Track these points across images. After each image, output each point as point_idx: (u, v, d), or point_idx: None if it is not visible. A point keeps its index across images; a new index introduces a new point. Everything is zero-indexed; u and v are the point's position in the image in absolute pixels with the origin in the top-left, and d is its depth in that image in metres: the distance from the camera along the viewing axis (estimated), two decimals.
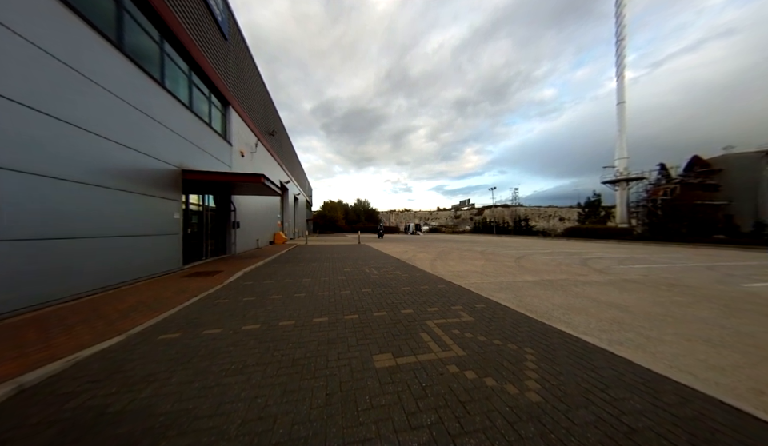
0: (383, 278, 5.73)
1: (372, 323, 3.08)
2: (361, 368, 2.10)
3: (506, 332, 2.82)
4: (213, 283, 5.03)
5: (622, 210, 31.16)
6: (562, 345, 2.52)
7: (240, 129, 11.06)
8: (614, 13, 31.86)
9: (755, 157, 25.33)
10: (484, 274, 6.32)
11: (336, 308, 3.63)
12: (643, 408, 1.66)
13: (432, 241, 20.17)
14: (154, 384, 1.88)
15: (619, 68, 31.18)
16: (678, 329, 2.94)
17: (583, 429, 1.48)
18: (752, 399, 1.76)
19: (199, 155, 7.62)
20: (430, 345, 2.51)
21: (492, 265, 7.78)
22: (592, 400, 1.73)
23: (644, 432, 1.46)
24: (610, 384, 1.91)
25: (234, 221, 9.92)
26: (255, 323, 3.05)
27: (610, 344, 2.57)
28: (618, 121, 31.00)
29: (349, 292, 4.45)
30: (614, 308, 3.71)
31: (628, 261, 8.79)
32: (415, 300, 4.04)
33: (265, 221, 14.79)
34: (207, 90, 8.62)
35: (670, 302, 4.02)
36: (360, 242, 17.65)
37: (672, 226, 23.15)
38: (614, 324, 3.11)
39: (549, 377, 1.99)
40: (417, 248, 13.85)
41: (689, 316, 3.39)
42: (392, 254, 10.54)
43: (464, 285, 5.06)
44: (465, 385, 1.89)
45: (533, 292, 4.66)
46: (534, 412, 1.62)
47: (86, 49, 4.15)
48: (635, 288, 4.89)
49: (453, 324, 3.03)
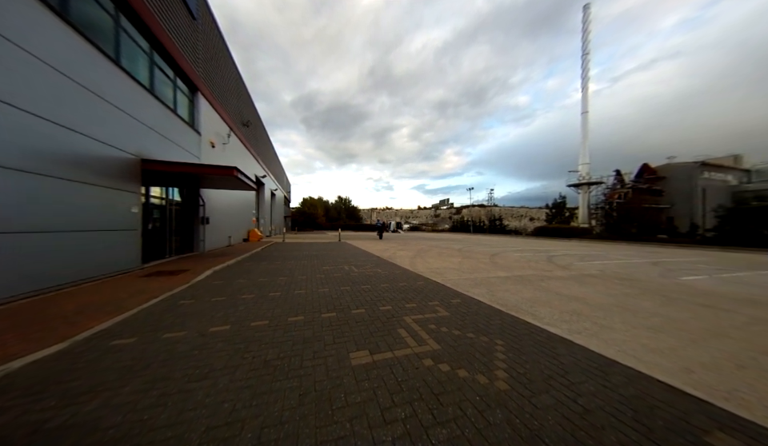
0: (363, 276, 5.70)
1: (350, 320, 3.05)
2: (337, 367, 2.07)
3: (479, 326, 2.94)
4: (177, 283, 4.65)
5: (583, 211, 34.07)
6: (529, 336, 2.69)
7: (210, 118, 10.31)
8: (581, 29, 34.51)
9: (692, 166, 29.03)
10: (461, 271, 6.55)
11: (313, 306, 3.55)
12: (596, 389, 1.83)
13: (412, 240, 20.50)
14: (102, 395, 1.69)
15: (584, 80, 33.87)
16: (626, 318, 3.28)
17: (544, 412, 1.60)
18: (683, 377, 2.01)
19: (162, 143, 6.98)
20: (407, 340, 2.55)
21: (468, 262, 8.09)
22: (553, 385, 1.87)
23: (596, 412, 1.61)
24: (568, 370, 2.08)
25: (202, 216, 9.25)
26: (224, 324, 2.88)
27: (569, 333, 2.79)
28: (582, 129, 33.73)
29: (327, 290, 4.37)
30: (574, 300, 4.05)
31: (587, 258, 9.63)
32: (394, 296, 4.07)
33: (238, 216, 14.00)
34: (172, 73, 7.90)
35: (621, 294, 4.48)
36: (341, 240, 17.41)
37: (625, 226, 25.82)
38: (573, 315, 3.39)
39: (516, 366, 2.12)
40: (397, 246, 13.98)
41: (635, 306, 3.81)
42: (372, 252, 10.53)
43: (441, 282, 5.20)
44: (439, 378, 1.94)
45: (504, 287, 4.92)
46: (502, 400, 1.71)
47: (11, 6, 3.55)
48: (592, 283, 5.37)
49: (429, 319, 3.10)
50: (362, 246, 13.22)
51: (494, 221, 41.36)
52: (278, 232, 25.24)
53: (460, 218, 53.64)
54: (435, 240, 19.48)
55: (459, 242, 17.57)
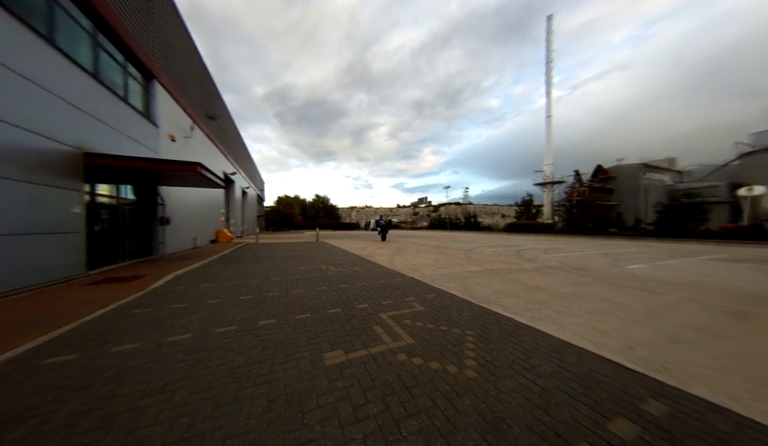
0: (340, 275, 5.62)
1: (325, 321, 2.99)
2: (309, 369, 2.01)
3: (452, 318, 3.05)
4: (131, 290, 4.20)
5: (548, 208, 36.91)
6: (497, 325, 2.85)
7: (170, 110, 9.43)
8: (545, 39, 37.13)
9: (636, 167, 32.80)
10: (437, 266, 6.74)
11: (286, 308, 3.42)
12: (552, 370, 2.00)
13: (391, 237, 20.66)
14: (31, 421, 1.47)
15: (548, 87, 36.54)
16: (581, 304, 3.62)
17: (507, 395, 1.70)
18: (626, 354, 2.27)
19: (111, 136, 6.24)
20: (382, 337, 2.56)
21: (444, 258, 8.36)
22: (516, 369, 2.00)
23: (552, 391, 1.75)
24: (530, 354, 2.24)
25: (162, 216, 8.45)
26: (185, 332, 2.66)
27: (532, 320, 3.01)
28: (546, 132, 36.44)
29: (302, 291, 4.24)
30: (537, 290, 4.37)
31: (551, 251, 10.46)
32: (371, 294, 4.07)
33: (205, 216, 13.02)
34: (122, 57, 7.08)
35: (577, 283, 4.93)
36: (318, 239, 17.00)
37: (583, 222, 28.46)
38: (536, 303, 3.66)
39: (484, 354, 2.23)
40: (376, 244, 14.00)
41: (589, 293, 4.21)
42: (351, 251, 10.43)
43: (418, 278, 5.31)
44: (412, 371, 1.98)
45: (477, 280, 5.16)
46: (470, 387, 1.79)
47: None
48: (554, 273, 5.84)
49: (405, 315, 3.15)
50: (340, 245, 13.04)
51: (470, 219, 43.18)
52: (250, 232, 23.95)
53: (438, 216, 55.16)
54: (414, 238, 19.84)
55: (437, 239, 18.08)
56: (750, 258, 8.71)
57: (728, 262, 7.80)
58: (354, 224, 48.25)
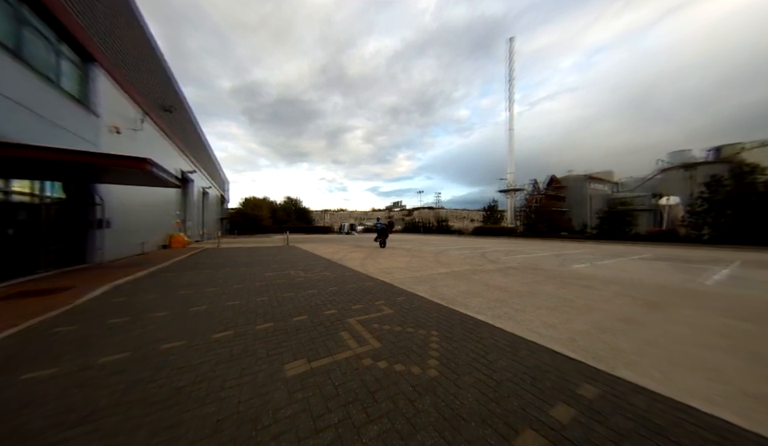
0: (309, 280, 5.43)
1: (289, 329, 2.85)
2: (268, 382, 1.90)
3: (419, 320, 3.13)
4: (53, 305, 3.57)
5: (510, 213, 39.99)
6: (460, 324, 2.99)
7: (114, 98, 8.35)
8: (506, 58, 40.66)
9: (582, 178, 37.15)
10: (408, 269, 6.86)
11: (247, 318, 3.19)
12: (507, 364, 2.14)
13: (365, 241, 20.58)
14: None
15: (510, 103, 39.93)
16: (534, 301, 3.97)
17: (465, 391, 1.79)
18: (568, 344, 2.53)
19: (34, 123, 5.32)
20: (348, 343, 2.52)
21: (416, 261, 8.55)
22: (475, 366, 2.11)
23: (505, 383, 1.88)
24: (489, 350, 2.38)
25: (100, 218, 7.38)
26: (122, 351, 2.33)
27: (492, 318, 3.21)
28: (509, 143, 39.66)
29: (266, 299, 4.00)
30: (498, 290, 4.68)
31: (512, 253, 11.32)
32: (341, 299, 4.00)
33: (156, 219, 11.67)
34: (54, 35, 6.11)
35: (533, 282, 5.39)
36: (288, 243, 16.24)
37: (539, 226, 31.33)
38: (497, 302, 3.92)
39: (446, 353, 2.32)
40: (349, 248, 13.82)
41: (541, 291, 4.63)
42: (323, 255, 10.15)
43: (389, 281, 5.35)
44: (376, 375, 1.98)
45: (445, 282, 5.36)
46: (431, 386, 1.84)
47: None
48: (513, 273, 6.32)
49: (374, 319, 3.14)
50: (312, 249, 12.61)
51: (441, 223, 44.93)
52: (211, 236, 22.03)
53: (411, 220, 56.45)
54: (387, 241, 19.99)
55: (409, 242, 18.43)
56: (668, 257, 10.37)
57: (651, 261, 9.19)
58: (328, 227, 47.04)
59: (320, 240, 22.08)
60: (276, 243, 17.41)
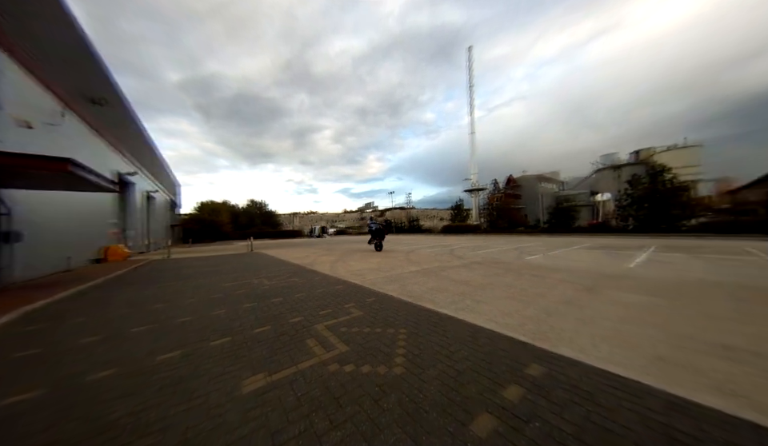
0: (274, 288, 5.14)
1: (249, 342, 2.66)
2: (221, 402, 1.75)
3: (389, 319, 3.16)
4: None
5: (475, 212, 42.69)
6: (427, 320, 3.09)
7: (22, 86, 6.97)
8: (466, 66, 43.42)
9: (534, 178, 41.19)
10: (379, 270, 6.90)
11: (200, 335, 2.90)
12: (468, 353, 2.28)
13: (337, 243, 20.18)
14: None
15: (471, 108, 42.65)
16: (494, 292, 4.29)
17: (428, 384, 1.85)
18: (519, 329, 2.78)
19: None
20: (314, 350, 2.44)
21: (387, 261, 8.63)
22: (438, 359, 2.20)
23: (465, 372, 2.00)
24: (451, 343, 2.50)
25: (6, 231, 6.08)
26: (32, 389, 1.95)
27: (456, 311, 3.39)
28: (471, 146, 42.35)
29: (223, 312, 3.68)
30: (462, 284, 4.96)
31: (476, 249, 12.08)
32: (308, 306, 3.86)
33: (85, 229, 10.00)
34: None
35: (493, 274, 5.82)
36: (252, 250, 15.18)
37: (500, 223, 33.99)
38: (461, 296, 4.14)
39: (413, 349, 2.38)
40: (320, 251, 13.42)
41: (500, 282, 5.03)
42: (291, 260, 9.70)
43: (359, 283, 5.32)
44: (342, 380, 1.95)
45: (414, 280, 5.50)
46: (396, 384, 1.87)
47: None
48: (477, 268, 6.76)
49: (342, 323, 3.10)
50: (279, 255, 11.96)
51: (412, 222, 46.14)
52: (159, 246, 19.61)
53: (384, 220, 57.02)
54: (360, 243, 19.88)
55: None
56: (602, 246, 12.02)
57: (589, 249, 10.57)
58: (297, 231, 45.03)
59: (288, 244, 21.06)
60: (238, 250, 16.15)
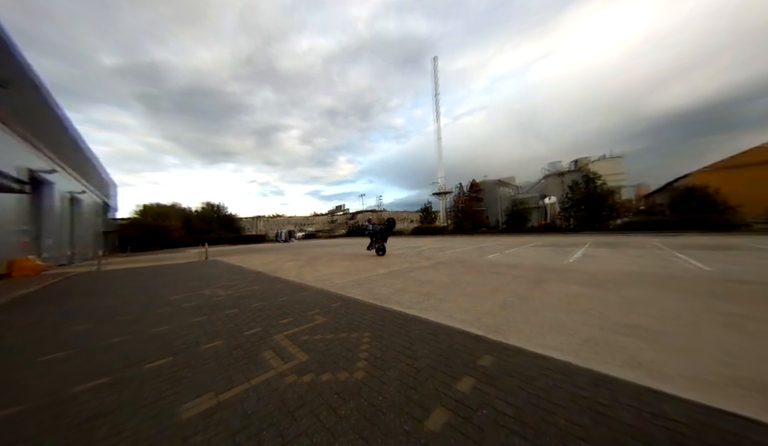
0: (230, 298, 4.72)
1: (195, 361, 2.39)
2: (153, 433, 1.53)
3: (353, 324, 3.12)
4: None
5: (442, 214, 44.75)
6: (392, 321, 3.12)
7: None
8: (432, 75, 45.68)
9: (494, 182, 44.71)
10: (348, 274, 6.79)
11: (132, 358, 2.52)
12: (428, 351, 2.35)
13: (306, 248, 19.39)
14: None
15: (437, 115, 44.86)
16: (456, 290, 4.52)
17: (388, 385, 1.86)
18: (475, 324, 2.96)
19: None
20: (271, 362, 2.29)
21: (356, 264, 8.55)
22: (400, 359, 2.23)
23: (424, 370, 2.06)
24: (414, 341, 2.56)
25: None
26: None
27: (420, 311, 3.49)
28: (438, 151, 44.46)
29: (165, 329, 3.26)
30: (427, 284, 5.14)
31: (443, 249, 12.65)
32: (268, 315, 3.62)
33: None
34: None
35: (457, 273, 6.14)
36: (207, 257, 13.78)
37: (465, 224, 36.13)
38: (425, 295, 4.28)
39: (376, 352, 2.38)
40: (286, 257, 12.74)
41: (462, 280, 5.32)
42: (252, 268, 9.03)
43: (326, 288, 5.17)
44: (299, 391, 1.86)
45: (383, 282, 5.53)
46: (356, 389, 1.85)
47: None
48: (442, 268, 7.07)
49: (304, 331, 2.96)
50: (239, 262, 11.05)
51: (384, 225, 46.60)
52: (87, 256, 16.70)
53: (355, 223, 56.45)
54: (330, 247, 19.39)
55: (352, 246, 18.34)
56: (549, 244, 13.51)
57: (539, 247, 11.80)
58: (261, 236, 42.10)
59: (251, 250, 19.59)
60: (190, 258, 14.52)
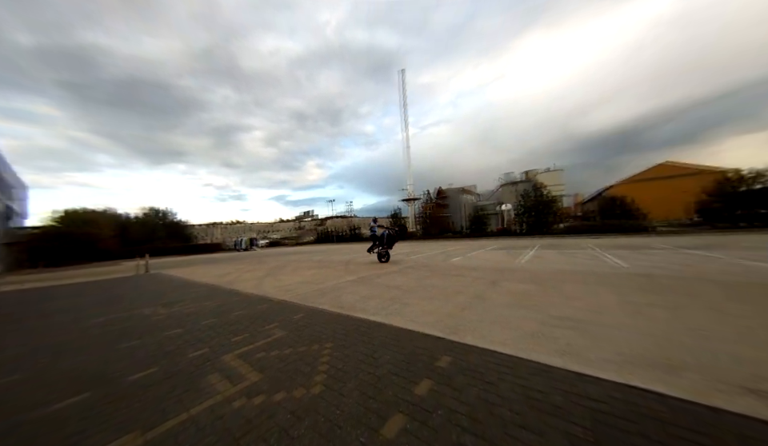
0: (174, 317, 4.17)
1: (120, 394, 2.04)
2: None
3: (315, 335, 2.98)
4: None
5: (412, 219, 46.05)
6: (356, 330, 3.06)
7: None
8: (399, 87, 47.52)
9: (458, 190, 47.62)
10: (313, 282, 6.52)
11: (37, 397, 2.05)
12: (390, 357, 2.35)
13: (269, 256, 18.15)
14: None
15: (405, 124, 46.56)
16: (421, 294, 4.64)
17: (348, 397, 1.81)
18: (437, 325, 3.06)
19: None
20: (217, 386, 2.06)
21: (324, 272, 8.27)
22: (361, 368, 2.19)
23: (385, 376, 2.04)
24: (377, 349, 2.54)
25: None
26: None
27: (385, 316, 3.49)
28: (406, 159, 45.99)
29: (83, 360, 2.73)
30: (394, 289, 5.19)
31: (411, 254, 12.95)
32: (217, 333, 3.27)
33: None
34: None
35: (423, 277, 6.33)
36: (148, 271, 12.03)
37: (432, 230, 37.66)
38: (391, 301, 4.31)
39: (337, 363, 2.30)
40: (246, 267, 11.76)
41: (427, 284, 5.50)
42: (204, 280, 8.12)
43: (289, 299, 4.89)
44: (248, 415, 1.70)
45: (350, 289, 5.42)
46: (313, 405, 1.75)
47: None
48: (408, 272, 7.22)
49: (260, 347, 2.74)
50: (188, 274, 9.86)
51: (354, 231, 46.08)
52: None
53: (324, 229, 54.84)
54: (296, 254, 18.45)
55: (320, 253, 17.74)
56: (505, 247, 14.76)
57: (496, 250, 12.82)
58: (216, 245, 38.23)
59: (205, 261, 17.66)
60: (125, 272, 12.51)
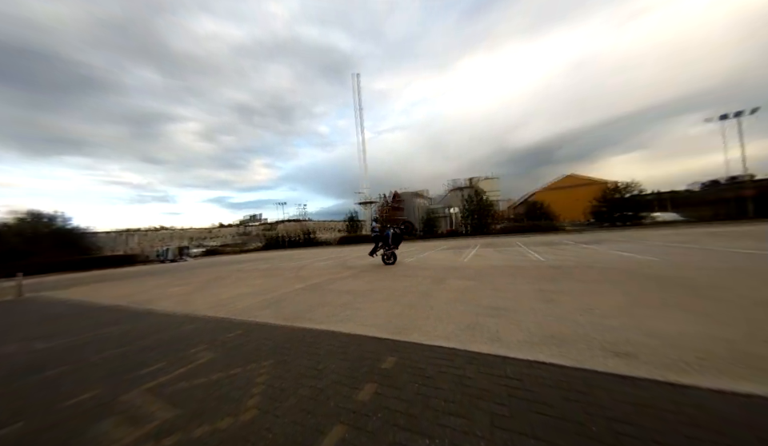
0: (59, 352, 3.24)
1: None
2: None
3: (252, 354, 2.69)
4: None
5: (368, 222, 46.30)
6: (300, 342, 2.88)
7: None
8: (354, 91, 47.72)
9: (412, 194, 49.97)
10: (257, 294, 5.92)
11: None
12: (336, 366, 2.28)
13: (204, 267, 15.79)
14: None
15: (360, 128, 46.82)
16: (373, 297, 4.66)
17: (283, 418, 1.67)
18: (386, 328, 3.11)
19: None
20: (111, 434, 1.66)
21: (271, 281, 7.60)
22: (302, 382, 2.06)
23: (328, 386, 1.96)
24: (322, 359, 2.43)
25: None
26: None
27: (334, 323, 3.38)
28: (362, 163, 46.22)
29: None
30: (346, 294, 5.09)
31: (366, 258, 12.98)
32: (120, 365, 2.67)
33: None
34: None
35: (376, 280, 6.38)
36: (22, 294, 9.12)
37: None
38: (342, 307, 4.21)
39: (275, 382, 2.11)
40: (171, 281, 9.98)
41: (380, 287, 5.56)
42: (110, 302, 6.57)
43: (224, 315, 4.32)
44: None
45: (297, 298, 5.09)
46: (241, 434, 1.56)
47: None
48: (363, 276, 7.20)
49: (178, 377, 2.33)
50: (88, 294, 7.84)
51: (308, 235, 43.83)
52: None
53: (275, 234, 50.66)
54: (239, 263, 16.53)
55: (268, 261, 16.31)
56: (453, 247, 16.08)
57: (445, 250, 13.85)
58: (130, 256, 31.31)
59: (113, 277, 14.32)
60: None
